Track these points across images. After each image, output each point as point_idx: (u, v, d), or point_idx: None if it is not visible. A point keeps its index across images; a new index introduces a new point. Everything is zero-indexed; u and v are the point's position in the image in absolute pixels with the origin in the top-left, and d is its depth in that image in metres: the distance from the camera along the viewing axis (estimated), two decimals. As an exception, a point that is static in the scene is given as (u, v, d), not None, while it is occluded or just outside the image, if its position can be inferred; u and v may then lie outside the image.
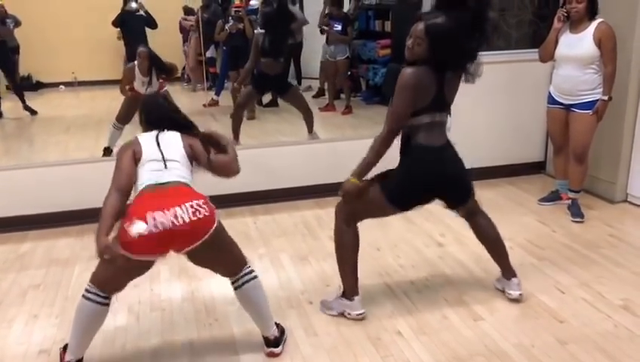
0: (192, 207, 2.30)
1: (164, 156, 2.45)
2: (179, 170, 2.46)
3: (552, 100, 4.19)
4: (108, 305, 2.48)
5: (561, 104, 4.11)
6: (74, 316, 2.47)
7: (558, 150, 4.37)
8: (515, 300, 3.06)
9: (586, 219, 4.16)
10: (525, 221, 4.21)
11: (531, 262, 3.55)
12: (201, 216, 2.31)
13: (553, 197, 4.47)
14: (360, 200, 2.82)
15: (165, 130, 2.56)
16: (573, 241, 3.84)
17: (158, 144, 2.49)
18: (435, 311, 3.02)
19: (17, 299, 3.25)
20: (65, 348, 2.55)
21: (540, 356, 2.63)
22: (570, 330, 2.83)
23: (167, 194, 2.34)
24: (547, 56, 4.15)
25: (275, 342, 2.66)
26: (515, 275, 3.11)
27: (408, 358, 2.64)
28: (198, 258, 2.49)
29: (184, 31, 6.28)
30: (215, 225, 2.37)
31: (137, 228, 2.22)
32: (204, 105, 6.00)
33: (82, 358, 2.55)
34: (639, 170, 4.37)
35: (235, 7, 6.04)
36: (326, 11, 6.39)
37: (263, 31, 5.25)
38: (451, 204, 2.97)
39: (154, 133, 2.56)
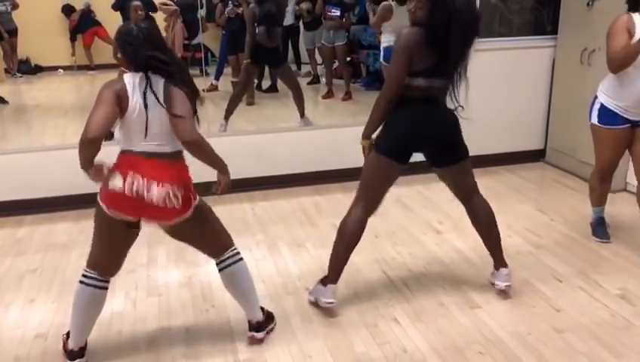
0: (167, 193, 2.25)
1: (147, 119, 2.28)
2: (160, 140, 2.32)
3: (617, 120, 3.40)
4: (106, 288, 2.47)
5: (629, 122, 3.42)
6: (72, 303, 2.46)
7: (610, 175, 3.67)
8: (502, 291, 3.02)
9: (584, 208, 4.14)
10: (524, 209, 4.21)
11: (529, 250, 3.55)
12: (169, 206, 2.26)
13: (604, 226, 3.75)
14: (364, 172, 2.83)
15: (150, 74, 2.27)
16: (572, 230, 3.83)
17: (145, 101, 2.26)
18: (432, 299, 3.02)
19: (14, 283, 3.25)
20: (68, 335, 2.54)
21: (536, 344, 2.64)
22: (566, 319, 2.84)
23: (150, 163, 2.29)
24: (626, 66, 3.23)
25: (257, 326, 2.65)
26: (505, 266, 3.04)
27: (404, 345, 2.64)
28: (175, 233, 2.50)
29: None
30: (187, 215, 2.36)
31: (115, 183, 2.26)
32: (204, 90, 5.96)
33: (85, 345, 2.54)
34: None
35: (234, -9, 5.99)
36: None
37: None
38: (435, 163, 2.90)
39: (140, 81, 2.28)
